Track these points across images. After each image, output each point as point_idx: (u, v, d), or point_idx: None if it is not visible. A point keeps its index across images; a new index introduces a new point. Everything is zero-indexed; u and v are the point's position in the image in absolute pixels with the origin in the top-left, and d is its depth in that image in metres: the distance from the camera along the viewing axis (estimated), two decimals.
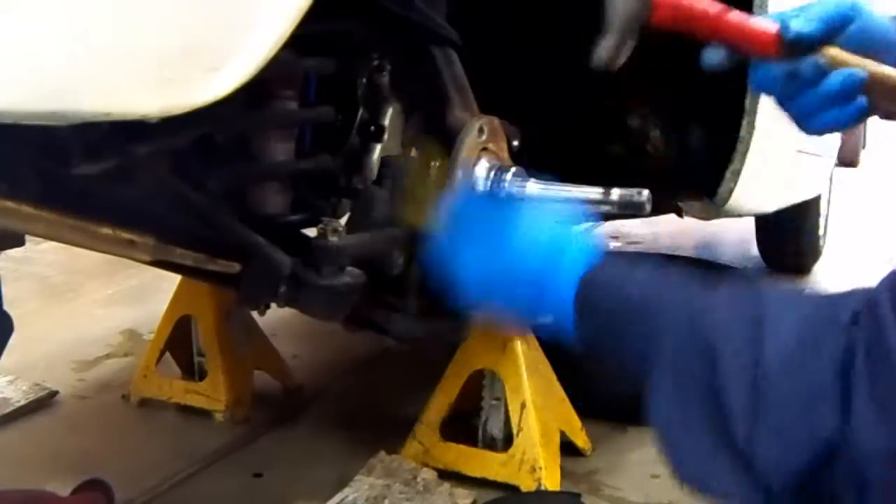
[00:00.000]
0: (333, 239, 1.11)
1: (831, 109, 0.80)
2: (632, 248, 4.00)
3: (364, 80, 1.29)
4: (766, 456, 0.58)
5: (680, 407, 0.65)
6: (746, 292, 0.67)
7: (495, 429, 1.92)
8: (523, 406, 1.84)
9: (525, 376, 1.84)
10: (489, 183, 1.21)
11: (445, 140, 1.19)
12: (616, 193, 1.12)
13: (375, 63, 1.28)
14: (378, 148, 1.28)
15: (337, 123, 1.27)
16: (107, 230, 1.00)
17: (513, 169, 1.23)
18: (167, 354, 2.31)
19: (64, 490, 1.69)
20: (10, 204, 0.89)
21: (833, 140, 2.59)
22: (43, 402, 2.28)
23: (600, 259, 0.78)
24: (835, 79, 0.79)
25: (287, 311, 1.28)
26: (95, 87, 0.60)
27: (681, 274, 0.74)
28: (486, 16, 1.55)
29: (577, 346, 0.78)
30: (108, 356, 2.67)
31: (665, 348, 0.67)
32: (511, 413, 1.86)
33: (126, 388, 2.34)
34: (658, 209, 1.90)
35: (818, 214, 3.43)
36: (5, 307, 1.41)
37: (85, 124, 0.63)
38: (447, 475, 1.88)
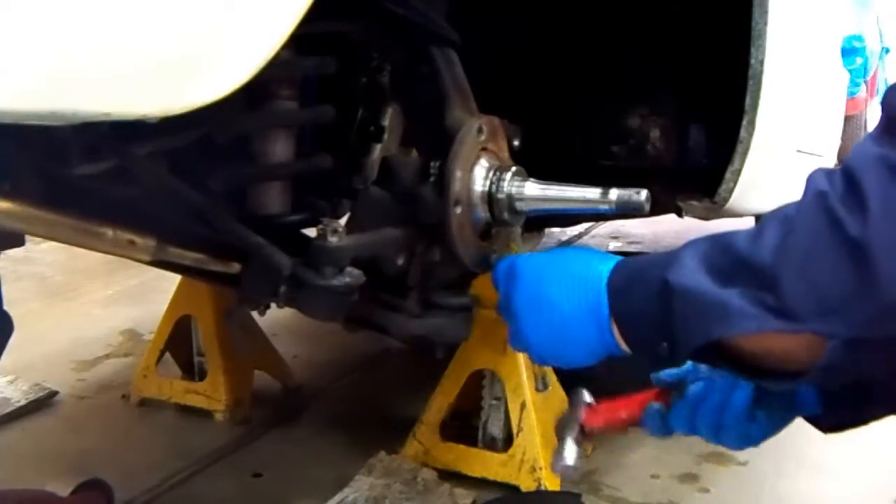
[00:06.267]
0: (333, 239, 1.11)
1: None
2: (632, 248, 4.00)
3: (364, 80, 1.29)
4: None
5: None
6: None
7: (495, 429, 1.92)
8: (523, 406, 1.84)
9: (525, 376, 1.84)
10: (488, 183, 1.21)
11: (445, 140, 1.19)
12: (615, 193, 1.12)
13: (375, 63, 1.28)
14: (378, 148, 1.27)
15: (337, 123, 1.27)
16: (107, 230, 1.00)
17: (513, 168, 1.23)
18: (167, 354, 2.31)
19: (64, 490, 1.69)
20: (10, 204, 0.89)
21: (833, 140, 2.59)
22: (43, 402, 2.28)
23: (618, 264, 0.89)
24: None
25: (287, 311, 1.28)
26: (95, 87, 0.60)
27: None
28: (487, 16, 1.55)
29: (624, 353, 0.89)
30: (108, 356, 2.67)
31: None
32: (511, 413, 1.86)
33: (126, 388, 2.34)
34: (658, 209, 1.90)
35: None
36: (5, 307, 1.41)
37: (85, 124, 0.64)
38: (447, 475, 1.88)
